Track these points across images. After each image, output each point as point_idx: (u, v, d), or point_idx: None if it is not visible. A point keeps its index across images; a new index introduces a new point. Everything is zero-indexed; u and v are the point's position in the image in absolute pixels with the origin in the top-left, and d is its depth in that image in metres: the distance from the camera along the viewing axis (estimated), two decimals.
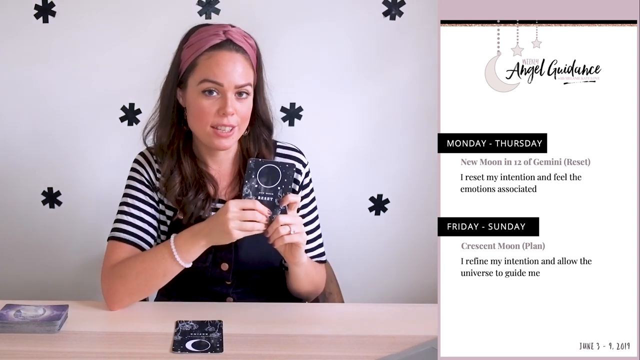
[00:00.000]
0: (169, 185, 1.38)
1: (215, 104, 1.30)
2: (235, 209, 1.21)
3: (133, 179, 1.42)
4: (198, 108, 1.31)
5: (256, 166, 1.22)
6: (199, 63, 1.31)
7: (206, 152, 1.41)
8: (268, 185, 1.22)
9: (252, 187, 1.22)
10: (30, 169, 2.13)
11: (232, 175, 1.43)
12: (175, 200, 1.38)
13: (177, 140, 1.39)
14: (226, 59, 1.30)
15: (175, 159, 1.39)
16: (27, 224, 2.17)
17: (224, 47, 1.30)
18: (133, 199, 1.40)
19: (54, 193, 2.15)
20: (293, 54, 2.03)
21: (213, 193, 1.40)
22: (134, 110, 2.09)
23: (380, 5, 2.05)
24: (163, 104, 1.39)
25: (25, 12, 2.01)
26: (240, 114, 1.32)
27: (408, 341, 1.19)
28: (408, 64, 2.09)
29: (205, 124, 1.32)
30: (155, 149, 1.42)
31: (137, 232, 1.38)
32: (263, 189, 1.22)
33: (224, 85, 1.29)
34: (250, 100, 1.34)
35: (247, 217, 1.21)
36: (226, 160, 1.43)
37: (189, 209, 1.37)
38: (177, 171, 1.38)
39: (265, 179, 1.21)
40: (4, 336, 1.18)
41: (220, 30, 1.32)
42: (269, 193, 1.22)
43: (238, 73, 1.30)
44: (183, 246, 1.27)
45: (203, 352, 1.15)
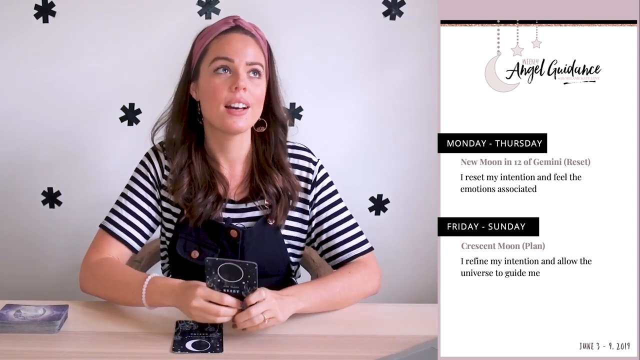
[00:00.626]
0: (176, 185, 1.37)
1: (228, 81, 1.30)
2: (200, 300, 1.15)
3: (138, 172, 1.42)
4: (210, 87, 1.31)
5: (214, 264, 1.15)
6: (210, 47, 1.33)
7: (218, 149, 1.39)
8: (231, 280, 1.15)
9: (215, 281, 1.16)
10: (30, 169, 2.13)
11: (243, 176, 1.41)
12: (184, 201, 1.37)
13: (190, 137, 1.39)
14: (236, 38, 1.32)
15: (186, 156, 1.38)
16: (27, 224, 2.17)
17: (233, 30, 1.33)
18: (133, 193, 1.40)
19: (54, 193, 2.15)
20: (293, 54, 2.03)
21: (223, 193, 1.38)
22: (134, 110, 2.09)
23: (380, 5, 2.05)
24: (176, 99, 1.39)
25: (25, 12, 2.01)
26: (253, 95, 1.31)
27: (408, 341, 1.19)
28: (408, 64, 2.09)
29: (218, 103, 1.30)
30: (166, 144, 1.41)
31: (128, 229, 1.38)
32: (227, 283, 1.15)
33: (234, 61, 1.30)
34: (263, 84, 1.34)
35: (211, 312, 1.15)
36: (238, 159, 1.40)
37: (197, 211, 1.35)
38: (187, 171, 1.37)
39: (228, 275, 1.15)
40: (4, 336, 1.18)
41: (230, 19, 1.36)
42: (235, 287, 1.15)
43: (249, 51, 1.31)
44: (152, 296, 1.24)
45: (203, 352, 1.15)
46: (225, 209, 1.39)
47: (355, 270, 1.38)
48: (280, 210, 1.38)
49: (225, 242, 1.36)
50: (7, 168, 2.13)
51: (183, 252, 1.38)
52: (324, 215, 1.43)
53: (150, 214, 1.41)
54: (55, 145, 2.11)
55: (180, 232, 1.38)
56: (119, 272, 1.32)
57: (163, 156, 1.41)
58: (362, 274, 1.38)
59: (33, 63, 2.04)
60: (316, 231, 1.44)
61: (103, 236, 1.39)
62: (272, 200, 1.38)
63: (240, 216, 1.40)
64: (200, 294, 1.16)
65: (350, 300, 1.35)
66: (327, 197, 1.44)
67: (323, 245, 1.44)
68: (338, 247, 1.42)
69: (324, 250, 1.44)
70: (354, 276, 1.36)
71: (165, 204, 1.42)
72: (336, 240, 1.42)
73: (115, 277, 1.31)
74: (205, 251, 1.36)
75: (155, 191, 1.41)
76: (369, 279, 1.39)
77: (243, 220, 1.39)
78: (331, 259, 1.44)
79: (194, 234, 1.37)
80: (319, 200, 1.43)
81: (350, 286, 1.34)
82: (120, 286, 1.29)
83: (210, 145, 1.40)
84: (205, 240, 1.37)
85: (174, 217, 1.41)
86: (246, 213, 1.40)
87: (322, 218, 1.43)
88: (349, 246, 1.42)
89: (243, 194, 1.41)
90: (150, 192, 1.41)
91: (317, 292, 1.29)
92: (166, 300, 1.23)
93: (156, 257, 1.67)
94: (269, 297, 1.17)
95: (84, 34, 2.03)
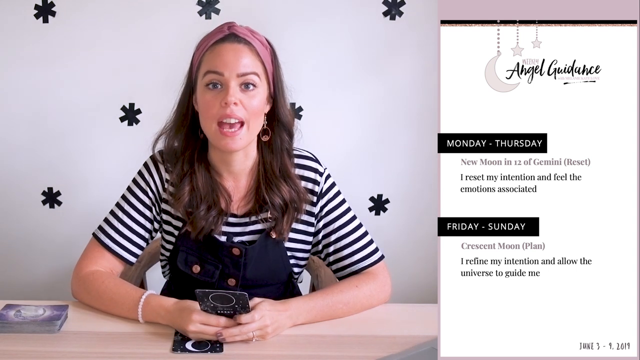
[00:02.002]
0: (177, 195, 1.33)
1: (219, 96, 1.25)
2: (198, 325, 1.17)
3: (136, 183, 1.38)
4: (204, 102, 1.27)
5: (205, 295, 1.15)
6: (204, 59, 1.28)
7: (221, 162, 1.34)
8: (224, 304, 1.16)
9: (209, 306, 1.17)
10: (30, 169, 2.13)
11: (248, 188, 1.36)
12: (185, 212, 1.33)
13: (192, 148, 1.34)
14: (227, 49, 1.26)
15: (187, 167, 1.34)
16: (27, 224, 2.17)
17: (226, 40, 1.27)
18: (129, 205, 1.36)
19: (54, 193, 2.15)
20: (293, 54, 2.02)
21: (225, 207, 1.34)
22: (134, 110, 2.09)
23: (380, 5, 2.06)
24: (178, 109, 1.34)
25: (25, 12, 2.01)
26: (248, 108, 1.25)
27: (408, 341, 1.19)
28: (408, 64, 2.09)
29: (211, 120, 1.26)
30: (167, 155, 1.36)
31: (121, 241, 1.35)
32: (220, 307, 1.17)
33: (224, 75, 1.24)
34: (259, 94, 1.28)
35: (209, 333, 1.16)
36: (242, 171, 1.35)
37: (199, 224, 1.31)
38: (188, 180, 1.33)
39: (220, 301, 1.16)
40: (4, 336, 1.18)
41: (225, 26, 1.30)
42: (229, 309, 1.17)
43: (240, 62, 1.25)
44: (149, 314, 1.24)
45: (203, 352, 1.15)
46: (228, 222, 1.35)
47: (363, 283, 1.34)
48: (285, 223, 1.33)
49: (228, 259, 1.32)
50: (7, 168, 2.13)
51: (184, 266, 1.35)
52: (331, 227, 1.38)
53: (146, 227, 1.37)
54: (55, 145, 2.11)
55: (182, 245, 1.35)
56: (112, 289, 1.29)
57: (163, 168, 1.36)
58: (370, 288, 1.34)
59: (33, 63, 2.04)
60: (323, 243, 1.40)
61: (96, 247, 1.36)
62: (277, 213, 1.33)
63: (243, 230, 1.36)
64: (196, 319, 1.17)
65: (353, 313, 1.32)
66: (334, 208, 1.39)
67: (331, 257, 1.40)
68: (347, 258, 1.38)
69: (332, 261, 1.40)
70: (361, 290, 1.32)
71: (166, 216, 1.38)
72: (345, 251, 1.38)
73: (108, 294, 1.28)
74: (206, 267, 1.33)
75: (154, 205, 1.37)
76: (377, 292, 1.35)
77: (245, 234, 1.36)
78: (339, 270, 1.40)
79: (195, 248, 1.34)
80: (326, 212, 1.38)
81: (355, 301, 1.31)
82: (115, 304, 1.27)
83: (212, 157, 1.35)
84: (207, 257, 1.34)
85: (175, 230, 1.37)
86: (249, 227, 1.36)
87: (329, 230, 1.38)
88: (359, 257, 1.38)
89: (246, 208, 1.36)
90: (147, 205, 1.36)
91: (318, 307, 1.27)
92: (162, 320, 1.23)
93: (156, 257, 1.67)
94: (265, 317, 1.18)
95: (84, 34, 2.03)
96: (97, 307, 1.31)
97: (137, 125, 2.09)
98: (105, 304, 1.29)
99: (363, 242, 1.39)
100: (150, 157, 1.38)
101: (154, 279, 1.72)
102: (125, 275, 1.46)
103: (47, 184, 2.15)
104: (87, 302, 1.32)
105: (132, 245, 1.36)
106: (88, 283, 1.32)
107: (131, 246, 1.36)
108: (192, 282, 1.33)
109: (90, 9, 2.01)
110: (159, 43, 2.03)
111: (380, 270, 1.39)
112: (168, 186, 1.36)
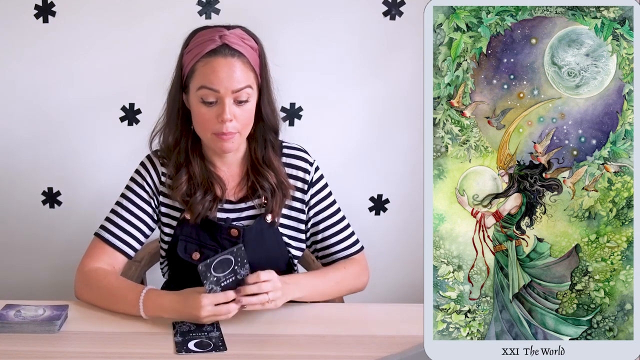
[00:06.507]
0: (174, 184, 1.38)
1: (214, 111, 1.31)
2: (209, 307, 1.20)
3: (134, 180, 1.43)
4: (199, 116, 1.33)
5: (207, 267, 1.19)
6: (197, 69, 1.32)
7: (214, 153, 1.42)
8: (225, 271, 1.20)
9: (213, 281, 1.20)
10: (30, 169, 2.13)
11: (240, 176, 1.44)
12: (182, 199, 1.38)
13: (185, 141, 1.40)
14: (221, 64, 1.30)
15: (183, 158, 1.40)
16: (27, 224, 2.17)
17: (219, 52, 1.30)
18: (128, 201, 1.41)
19: (54, 193, 2.15)
20: (293, 53, 2.03)
21: (220, 194, 1.40)
22: (134, 110, 2.09)
23: (380, 5, 2.05)
24: (169, 106, 1.40)
25: (25, 12, 2.01)
26: (240, 120, 1.33)
27: (408, 341, 1.19)
28: (408, 64, 2.09)
29: (207, 131, 1.34)
30: (162, 151, 1.43)
31: (123, 236, 1.39)
32: (223, 277, 1.20)
33: (220, 92, 1.30)
34: (250, 105, 1.34)
35: (222, 313, 1.21)
36: (234, 161, 1.44)
37: (196, 209, 1.37)
38: (185, 170, 1.39)
39: (221, 269, 1.19)
40: (4, 336, 1.18)
41: (217, 35, 1.32)
42: (230, 276, 1.21)
43: (234, 78, 1.30)
44: (151, 308, 1.26)
45: (207, 351, 1.15)
46: (224, 209, 1.41)
47: (349, 265, 1.47)
48: (276, 204, 1.41)
49: (226, 242, 1.37)
50: (7, 168, 2.13)
51: (184, 254, 1.38)
52: (320, 217, 1.47)
53: (145, 221, 1.42)
54: (55, 145, 2.11)
55: (181, 234, 1.39)
56: (113, 284, 1.32)
57: (159, 162, 1.42)
58: (355, 269, 1.47)
59: (33, 63, 2.04)
60: (311, 231, 1.49)
61: (98, 244, 1.40)
62: (267, 195, 1.40)
63: (239, 215, 1.42)
64: (206, 301, 1.19)
65: (341, 293, 1.44)
66: (323, 198, 1.48)
67: (317, 245, 1.49)
68: (333, 247, 1.48)
69: (318, 249, 1.50)
70: (348, 271, 1.45)
71: (165, 209, 1.43)
72: (331, 240, 1.48)
73: (109, 290, 1.31)
74: (206, 252, 1.37)
75: (151, 199, 1.42)
76: (361, 275, 1.48)
77: (242, 220, 1.42)
78: (324, 258, 1.50)
79: (194, 235, 1.38)
80: (315, 202, 1.46)
81: (344, 280, 1.43)
82: (116, 300, 1.30)
83: (205, 149, 1.42)
84: (206, 241, 1.38)
85: (173, 221, 1.42)
86: (244, 212, 1.42)
87: (318, 219, 1.47)
88: (343, 246, 1.49)
89: (241, 193, 1.43)
90: (146, 200, 1.42)
91: (313, 283, 1.37)
92: (165, 314, 1.25)
93: (156, 257, 1.67)
94: (275, 280, 1.24)
95: (84, 34, 2.02)
96: (99, 304, 1.32)
97: (137, 125, 2.09)
98: (106, 299, 1.31)
99: (347, 233, 1.50)
100: (146, 156, 1.45)
101: (154, 279, 1.72)
102: (126, 275, 1.48)
103: (47, 184, 2.15)
104: (89, 300, 1.34)
105: (131, 239, 1.40)
106: (90, 279, 1.35)
107: (130, 239, 1.40)
108: (192, 276, 1.33)
109: (90, 9, 2.01)
110: (159, 43, 2.03)
111: (361, 258, 1.51)
112: (165, 179, 1.41)
